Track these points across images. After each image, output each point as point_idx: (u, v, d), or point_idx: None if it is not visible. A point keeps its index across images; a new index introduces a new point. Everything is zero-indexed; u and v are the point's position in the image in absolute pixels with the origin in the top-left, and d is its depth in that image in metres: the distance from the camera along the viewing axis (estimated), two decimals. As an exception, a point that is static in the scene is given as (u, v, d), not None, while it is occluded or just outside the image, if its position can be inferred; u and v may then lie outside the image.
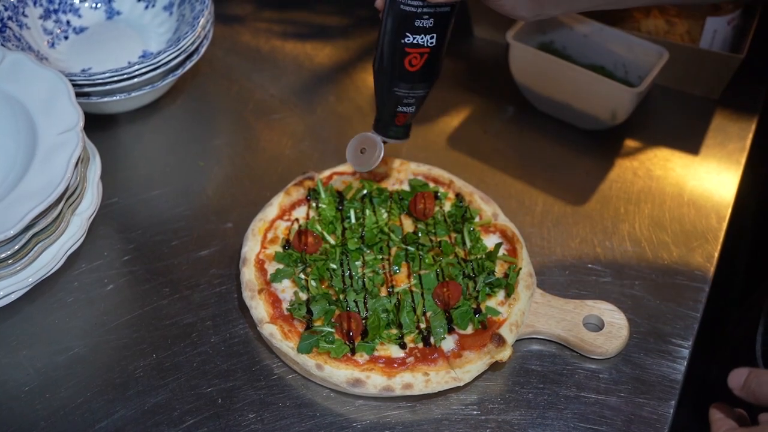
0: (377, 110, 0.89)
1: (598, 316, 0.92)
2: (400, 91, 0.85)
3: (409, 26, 0.82)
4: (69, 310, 0.95)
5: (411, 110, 0.87)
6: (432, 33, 0.82)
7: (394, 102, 0.86)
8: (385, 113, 0.88)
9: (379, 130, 0.90)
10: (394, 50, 0.83)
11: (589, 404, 0.88)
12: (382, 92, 0.86)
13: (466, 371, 0.87)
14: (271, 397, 0.88)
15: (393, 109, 0.87)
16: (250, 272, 0.94)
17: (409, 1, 0.80)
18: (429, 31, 0.82)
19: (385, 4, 0.83)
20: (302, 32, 1.31)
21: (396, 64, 0.84)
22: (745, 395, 0.72)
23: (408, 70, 0.83)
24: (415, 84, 0.85)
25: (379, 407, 0.87)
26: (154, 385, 0.89)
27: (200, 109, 1.20)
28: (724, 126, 1.15)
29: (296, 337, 0.89)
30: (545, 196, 1.07)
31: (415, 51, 0.82)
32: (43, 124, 0.94)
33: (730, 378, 0.73)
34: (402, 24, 0.82)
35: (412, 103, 0.86)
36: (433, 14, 0.81)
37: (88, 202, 0.97)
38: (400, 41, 0.82)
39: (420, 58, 0.83)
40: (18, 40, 1.11)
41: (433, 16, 0.81)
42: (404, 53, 0.83)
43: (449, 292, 0.92)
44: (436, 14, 0.81)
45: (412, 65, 0.83)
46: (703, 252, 1.01)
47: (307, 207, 1.01)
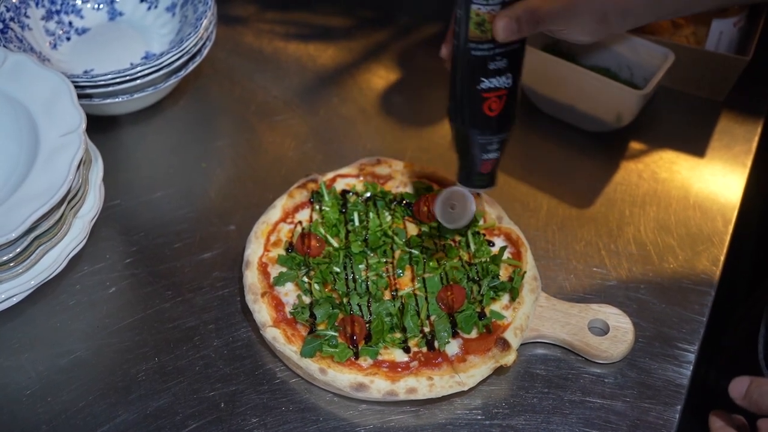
0: (461, 161, 0.84)
1: (604, 320, 0.91)
2: (483, 139, 0.81)
3: (484, 70, 0.78)
4: (71, 313, 0.95)
5: (495, 156, 0.83)
6: (507, 73, 0.78)
7: (479, 151, 0.82)
8: (469, 164, 0.83)
9: (466, 181, 0.85)
10: (472, 98, 0.79)
11: (594, 409, 0.87)
12: (465, 143, 0.82)
13: (470, 376, 0.86)
14: (274, 401, 0.87)
15: (478, 158, 0.83)
16: (252, 275, 0.93)
17: (480, 45, 0.77)
18: (504, 72, 0.78)
19: (454, 52, 0.79)
20: (305, 33, 1.31)
21: (476, 112, 0.80)
22: (747, 405, 0.71)
23: (488, 116, 0.79)
24: (497, 129, 0.81)
25: (383, 412, 0.87)
26: (156, 388, 0.88)
27: (203, 111, 1.19)
28: (730, 128, 1.15)
29: (299, 340, 0.88)
30: (550, 199, 1.06)
31: (493, 95, 0.78)
32: (45, 126, 0.93)
33: (732, 387, 0.72)
34: (476, 70, 0.78)
35: (497, 149, 0.82)
36: (505, 53, 0.78)
37: (90, 204, 0.97)
38: (476, 88, 0.78)
39: (499, 102, 0.79)
40: (20, 41, 1.11)
41: (506, 56, 0.78)
42: (482, 99, 0.79)
43: (453, 295, 0.91)
44: (508, 53, 0.78)
45: (492, 110, 0.79)
46: (708, 255, 1.00)
47: (311, 210, 1.00)
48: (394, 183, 1.03)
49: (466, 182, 0.85)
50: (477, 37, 0.76)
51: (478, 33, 0.76)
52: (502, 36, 0.75)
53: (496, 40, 0.76)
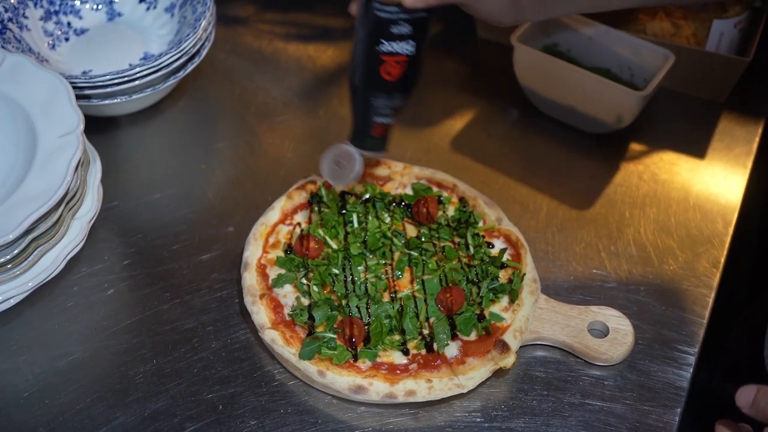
0: (354, 121, 0.84)
1: (603, 323, 0.91)
2: (376, 102, 0.81)
3: (385, 33, 0.77)
4: (69, 315, 0.94)
5: (388, 121, 0.82)
6: (409, 40, 0.77)
7: (371, 113, 0.81)
8: (361, 124, 0.83)
9: (356, 141, 0.85)
10: (370, 58, 0.79)
11: (593, 411, 0.87)
12: (358, 102, 0.82)
13: (469, 378, 0.86)
14: (272, 403, 0.87)
15: (369, 120, 0.82)
16: (251, 277, 0.93)
17: (385, 6, 0.75)
18: (406, 38, 0.77)
19: (359, 11, 0.78)
20: (305, 34, 1.30)
21: (372, 72, 0.79)
22: (755, 413, 0.70)
23: (385, 80, 0.79)
24: (392, 94, 0.80)
25: (382, 414, 0.86)
26: (154, 391, 0.88)
27: (202, 112, 1.19)
28: (731, 129, 1.14)
29: (298, 343, 0.88)
30: (549, 200, 1.06)
31: (391, 59, 0.78)
32: (43, 127, 0.93)
33: (738, 396, 0.71)
34: (377, 30, 0.77)
35: (390, 114, 0.82)
36: (410, 20, 0.76)
37: (88, 205, 0.96)
38: (375, 48, 0.78)
39: (397, 67, 0.78)
40: (18, 41, 1.11)
41: (411, 23, 0.77)
42: (380, 61, 0.78)
43: (452, 297, 0.91)
44: (413, 20, 0.77)
45: (389, 74, 0.78)
46: (709, 257, 1.00)
47: (309, 211, 1.00)
48: (394, 184, 1.03)
49: (356, 142, 0.85)
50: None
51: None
52: (410, 2, 0.74)
53: (402, 4, 0.75)
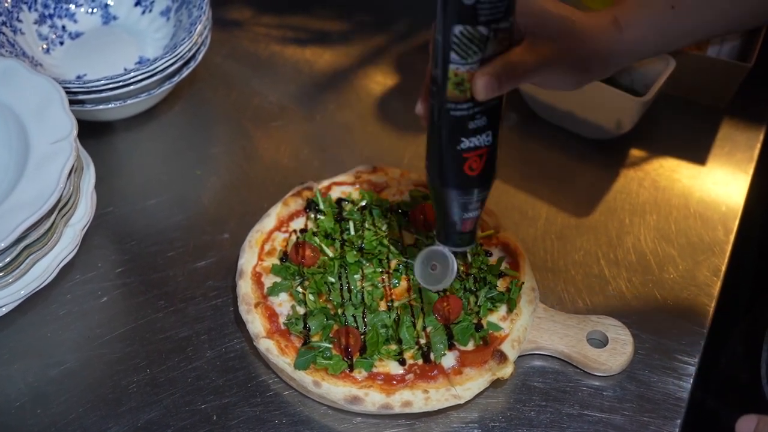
0: (440, 222, 0.81)
1: (602, 332, 0.90)
2: (464, 199, 0.78)
3: (464, 130, 0.74)
4: (62, 323, 0.93)
5: (477, 214, 0.79)
6: (487, 131, 0.75)
7: (459, 210, 0.78)
8: (450, 223, 0.80)
9: (448, 241, 0.81)
10: (452, 159, 0.75)
11: (592, 423, 0.86)
12: (445, 204, 0.78)
13: (466, 389, 0.85)
14: (267, 414, 0.86)
15: (459, 218, 0.79)
16: (246, 285, 0.92)
17: (459, 105, 0.72)
18: (484, 130, 0.74)
19: (431, 113, 0.75)
20: (302, 38, 1.29)
21: (456, 172, 0.76)
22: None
23: (469, 176, 0.76)
24: (478, 188, 0.77)
25: (378, 425, 0.85)
26: (147, 401, 0.87)
27: (197, 117, 1.18)
28: (732, 136, 1.13)
29: (293, 352, 0.87)
30: (548, 208, 1.05)
31: (473, 154, 0.75)
32: (36, 132, 0.92)
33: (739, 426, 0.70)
34: (455, 130, 0.74)
35: (477, 207, 0.79)
36: (485, 111, 0.74)
37: (81, 212, 0.95)
38: (456, 148, 0.74)
39: (480, 161, 0.75)
40: (12, 45, 1.09)
41: (486, 113, 0.74)
42: (463, 159, 0.75)
43: (449, 306, 0.90)
44: (488, 110, 0.74)
45: (473, 169, 0.75)
46: (709, 265, 0.99)
47: (306, 218, 0.99)
48: (391, 191, 1.02)
49: (446, 242, 0.81)
50: (456, 97, 0.72)
51: (457, 93, 0.72)
52: (482, 95, 0.71)
53: (475, 99, 0.71)
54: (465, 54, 0.70)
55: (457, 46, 0.69)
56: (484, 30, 0.68)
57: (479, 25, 0.68)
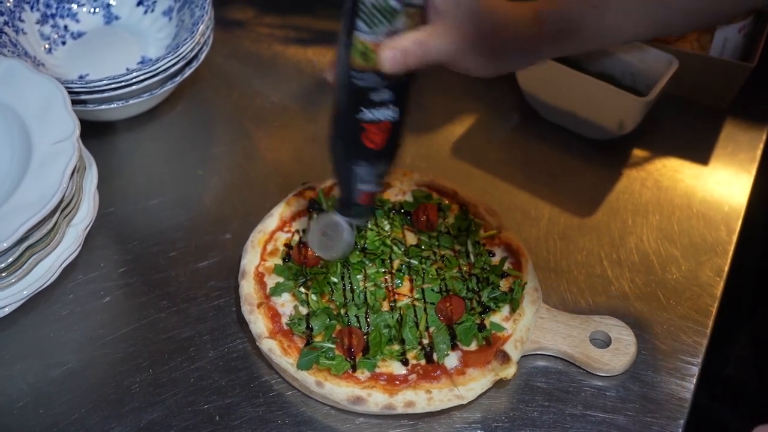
0: (339, 189, 0.80)
1: (605, 332, 0.90)
2: (360, 170, 0.76)
3: (365, 101, 0.73)
4: (64, 323, 0.93)
5: (375, 188, 0.78)
6: (391, 105, 0.73)
7: (356, 181, 0.77)
8: (346, 193, 0.79)
9: (342, 210, 0.80)
10: (351, 127, 0.74)
11: (595, 423, 0.85)
12: (341, 172, 0.78)
13: (469, 389, 0.85)
14: (269, 414, 0.86)
15: (355, 189, 0.78)
16: (249, 285, 0.92)
17: (363, 74, 0.71)
18: (387, 104, 0.73)
19: (336, 79, 0.74)
20: (304, 38, 1.29)
21: (354, 141, 0.75)
22: None
23: (368, 148, 0.75)
24: (376, 162, 0.76)
25: (381, 425, 0.85)
26: (150, 401, 0.87)
27: (199, 117, 1.18)
28: (735, 135, 1.13)
29: (296, 352, 0.87)
30: (551, 208, 1.05)
31: (373, 127, 0.73)
32: (38, 133, 0.92)
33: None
34: (357, 99, 0.73)
35: (375, 181, 0.78)
36: (390, 86, 0.72)
37: (84, 212, 0.95)
38: (355, 117, 0.73)
39: (380, 134, 0.74)
40: (14, 45, 1.09)
41: (392, 88, 0.72)
42: (362, 129, 0.74)
43: (452, 306, 0.90)
44: (394, 86, 0.72)
45: (372, 142, 0.74)
46: (712, 265, 0.99)
47: (308, 218, 0.99)
48: (393, 191, 1.02)
49: (342, 211, 0.80)
50: (360, 65, 0.71)
51: (362, 62, 0.70)
52: (387, 67, 0.69)
53: (380, 71, 0.70)
54: (372, 23, 0.68)
55: (364, 15, 0.68)
56: (394, 3, 0.67)
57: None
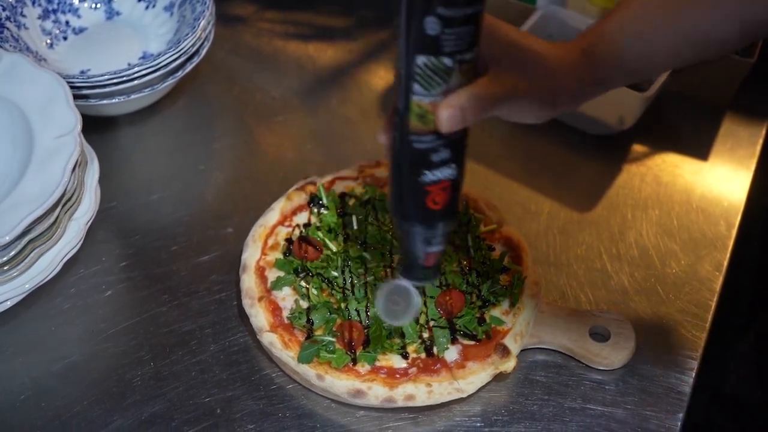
0: (403, 255, 0.78)
1: (605, 327, 0.90)
2: (427, 233, 0.74)
3: (426, 163, 0.70)
4: (66, 317, 0.93)
5: (440, 249, 0.76)
6: (451, 164, 0.71)
7: (422, 245, 0.75)
8: (413, 258, 0.77)
9: (411, 276, 0.78)
10: (414, 192, 0.72)
11: (595, 416, 0.86)
12: (407, 238, 0.76)
13: (469, 382, 0.85)
14: (270, 407, 0.86)
15: (422, 253, 0.76)
16: (250, 279, 0.92)
17: (422, 137, 0.69)
18: (447, 163, 0.71)
19: (393, 144, 0.72)
20: (305, 33, 1.29)
21: (418, 206, 0.73)
22: None
23: (432, 210, 0.72)
24: (441, 222, 0.74)
25: (381, 418, 0.86)
26: (151, 394, 0.87)
27: (201, 112, 1.18)
28: (734, 131, 1.13)
29: (297, 346, 0.87)
30: (551, 203, 1.05)
31: (436, 188, 0.71)
32: (40, 127, 0.92)
33: None
34: (418, 162, 0.70)
35: (441, 241, 0.75)
36: (449, 144, 0.70)
37: (85, 206, 0.96)
38: (418, 181, 0.71)
39: (443, 194, 0.72)
40: (16, 40, 1.10)
41: (450, 146, 0.70)
42: (425, 192, 0.72)
43: (452, 300, 0.90)
44: (452, 143, 0.70)
45: (436, 203, 0.72)
46: (711, 260, 0.99)
47: (309, 213, 0.99)
48: (394, 186, 1.02)
49: (409, 276, 0.78)
50: (418, 129, 0.69)
51: (420, 125, 0.68)
52: (446, 127, 0.68)
53: (439, 131, 0.68)
54: (428, 85, 0.67)
55: (419, 77, 0.66)
56: (448, 61, 0.65)
57: (443, 56, 0.65)
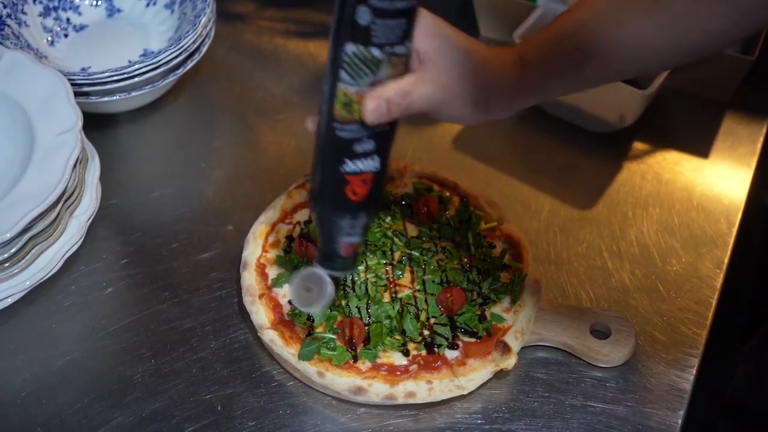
0: (320, 242, 0.78)
1: (605, 324, 0.90)
2: (344, 222, 0.74)
3: (348, 152, 0.70)
4: (67, 314, 0.93)
5: (357, 240, 0.76)
6: (374, 155, 0.71)
7: (339, 234, 0.75)
8: (329, 246, 0.76)
9: (325, 263, 0.77)
10: (335, 180, 0.72)
11: (595, 414, 0.86)
12: (324, 224, 0.75)
13: (470, 379, 0.85)
14: (271, 404, 0.86)
15: (338, 241, 0.75)
16: (250, 276, 0.92)
17: (346, 126, 0.69)
18: (370, 155, 0.71)
19: (318, 128, 0.72)
20: (305, 31, 1.29)
21: (338, 194, 0.72)
22: None
23: (351, 200, 0.72)
24: (360, 213, 0.74)
25: (382, 415, 0.86)
26: (152, 391, 0.87)
27: (201, 109, 1.18)
28: (735, 129, 1.13)
29: (297, 343, 0.87)
30: (552, 200, 1.05)
31: (357, 178, 0.71)
32: (41, 124, 0.92)
33: None
34: (340, 151, 0.70)
35: (359, 233, 0.75)
36: (373, 135, 0.70)
37: (86, 204, 0.96)
38: (338, 169, 0.71)
39: (364, 186, 0.72)
40: (17, 38, 1.10)
41: (374, 138, 0.70)
42: (345, 182, 0.72)
43: (453, 297, 0.90)
44: (376, 135, 0.70)
45: (355, 194, 0.72)
46: (712, 258, 0.99)
47: (310, 210, 0.99)
48: (394, 183, 1.02)
49: (324, 264, 0.77)
50: (342, 117, 0.69)
51: (345, 113, 0.68)
52: (371, 118, 0.68)
53: (363, 121, 0.68)
54: (355, 74, 0.66)
55: (347, 65, 0.66)
56: (377, 52, 0.65)
57: (372, 47, 0.64)
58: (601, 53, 0.74)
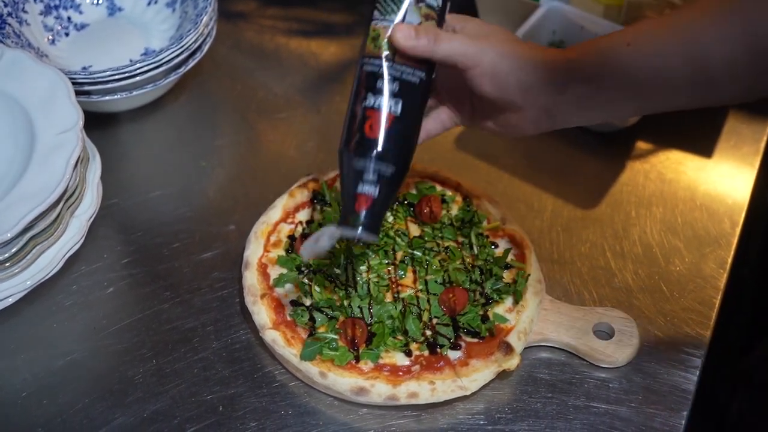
0: (341, 198, 0.78)
1: (609, 324, 0.90)
2: (359, 164, 0.74)
3: (371, 86, 0.74)
4: (68, 314, 0.93)
5: (372, 192, 0.74)
6: (397, 98, 0.73)
7: (355, 181, 0.74)
8: (346, 198, 0.76)
9: (343, 220, 0.76)
10: (355, 116, 0.74)
11: (598, 414, 0.85)
12: (344, 174, 0.76)
13: (472, 380, 0.85)
14: (273, 404, 0.86)
15: (353, 190, 0.74)
16: (252, 276, 0.92)
17: (372, 60, 0.74)
18: (393, 96, 0.73)
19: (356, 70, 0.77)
20: (307, 30, 1.29)
21: (355, 130, 0.74)
22: None
23: (367, 137, 0.73)
24: (375, 154, 0.73)
25: (384, 416, 0.85)
26: (153, 391, 0.87)
27: (203, 108, 1.18)
28: (738, 128, 1.13)
29: (299, 343, 0.87)
30: (555, 200, 1.05)
31: (376, 114, 0.73)
32: (42, 123, 0.92)
33: None
34: (363, 84, 0.74)
35: (374, 181, 0.74)
36: (396, 78, 0.74)
37: (87, 203, 0.95)
38: (361, 105, 0.74)
39: (380, 124, 0.73)
40: (18, 36, 1.09)
41: (397, 81, 0.74)
42: (365, 117, 0.73)
43: (455, 298, 0.90)
44: (401, 80, 0.74)
45: (373, 130, 0.73)
46: (715, 258, 0.99)
47: (311, 209, 0.99)
48: (397, 183, 1.02)
49: (341, 222, 0.76)
50: (371, 51, 0.75)
51: (372, 48, 0.74)
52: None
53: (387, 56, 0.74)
54: (383, 10, 0.73)
55: (379, 4, 0.74)
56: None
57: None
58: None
